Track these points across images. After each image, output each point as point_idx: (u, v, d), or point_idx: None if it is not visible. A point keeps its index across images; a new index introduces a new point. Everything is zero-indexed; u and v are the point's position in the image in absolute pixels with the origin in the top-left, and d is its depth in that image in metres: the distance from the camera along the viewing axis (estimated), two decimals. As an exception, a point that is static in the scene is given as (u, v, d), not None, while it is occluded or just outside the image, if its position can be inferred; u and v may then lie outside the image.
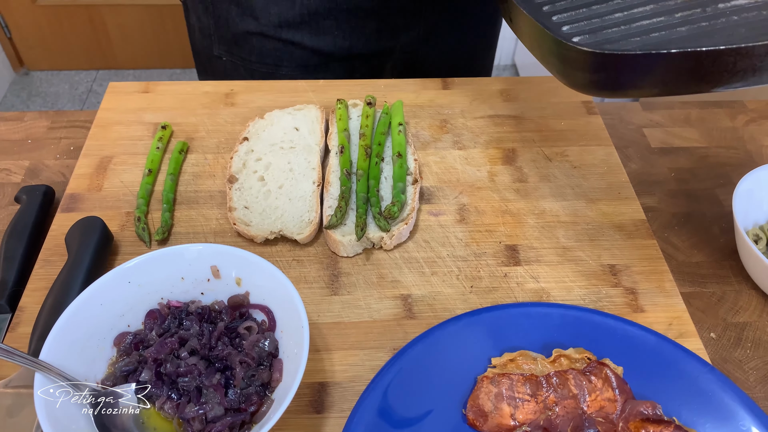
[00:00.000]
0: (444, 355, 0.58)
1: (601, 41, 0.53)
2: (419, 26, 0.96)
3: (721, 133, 0.89)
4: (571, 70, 0.54)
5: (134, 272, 0.59)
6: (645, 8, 0.55)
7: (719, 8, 0.53)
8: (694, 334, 0.63)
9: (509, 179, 0.78)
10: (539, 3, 0.58)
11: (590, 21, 0.55)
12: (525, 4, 0.56)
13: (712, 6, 0.54)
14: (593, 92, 0.56)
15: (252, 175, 0.75)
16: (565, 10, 0.57)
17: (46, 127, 0.86)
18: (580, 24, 0.55)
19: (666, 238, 0.75)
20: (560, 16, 0.56)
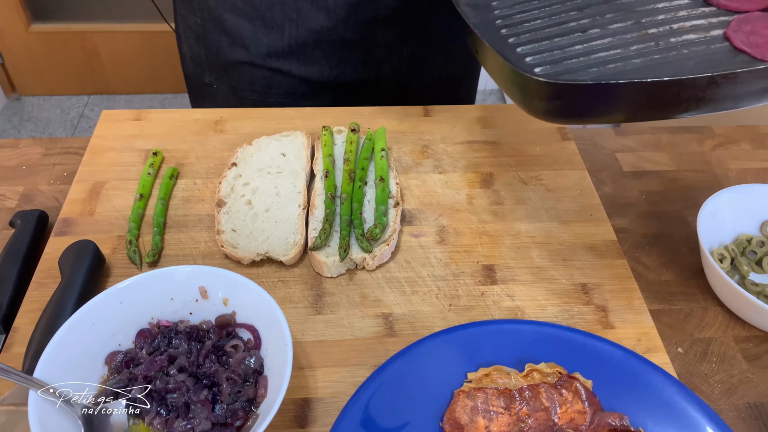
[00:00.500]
0: (422, 370, 0.61)
1: (561, 71, 0.56)
2: (402, 57, 1.00)
3: (690, 157, 0.94)
4: (530, 98, 0.57)
5: (125, 293, 0.61)
6: (603, 41, 0.59)
7: (671, 42, 0.58)
8: (662, 349, 0.67)
9: (487, 202, 0.81)
10: (505, 35, 0.62)
11: (552, 53, 0.59)
12: (489, 37, 0.60)
13: (664, 40, 0.58)
14: (551, 119, 0.59)
15: (240, 199, 0.78)
16: (529, 42, 0.60)
17: (41, 154, 0.89)
18: (543, 55, 0.59)
19: (637, 258, 0.79)
20: (524, 47, 0.60)
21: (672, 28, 0.59)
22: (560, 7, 0.64)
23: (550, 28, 0.62)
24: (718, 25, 0.59)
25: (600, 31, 0.60)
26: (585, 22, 0.62)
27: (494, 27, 0.63)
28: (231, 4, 0.92)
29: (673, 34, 0.58)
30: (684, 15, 0.60)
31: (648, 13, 0.61)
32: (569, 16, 0.63)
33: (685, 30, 0.58)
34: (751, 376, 0.67)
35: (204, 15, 0.97)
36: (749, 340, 0.70)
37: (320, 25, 0.91)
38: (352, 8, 0.90)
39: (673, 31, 0.59)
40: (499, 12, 0.65)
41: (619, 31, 0.60)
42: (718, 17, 0.60)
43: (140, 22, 2.57)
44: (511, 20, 0.64)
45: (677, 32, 0.58)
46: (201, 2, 0.96)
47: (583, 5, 0.64)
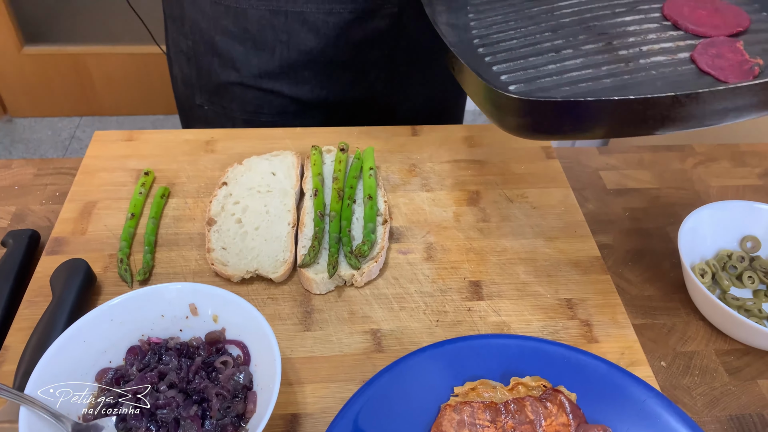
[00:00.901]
0: (409, 384, 0.61)
1: (534, 89, 0.58)
2: (391, 78, 1.02)
3: (671, 174, 0.96)
4: (503, 114, 0.58)
5: (116, 310, 0.62)
6: (575, 61, 0.61)
7: (641, 63, 0.60)
8: (645, 363, 0.68)
9: (473, 219, 0.83)
10: (482, 54, 0.64)
11: (526, 71, 0.61)
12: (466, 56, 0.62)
13: (634, 61, 0.60)
14: (524, 135, 0.61)
15: (230, 218, 0.79)
16: (504, 62, 0.63)
17: (33, 174, 0.90)
18: (517, 74, 0.61)
19: (620, 274, 0.80)
20: (500, 66, 0.62)
21: (642, 50, 0.61)
22: (536, 28, 0.67)
23: (525, 48, 0.64)
24: (685, 48, 0.61)
25: (573, 51, 0.63)
26: (559, 42, 0.64)
27: (472, 46, 0.65)
28: (222, 27, 0.94)
29: (643, 56, 0.60)
30: (653, 38, 0.63)
31: (619, 35, 0.64)
32: (544, 37, 0.65)
33: (654, 52, 0.61)
34: (732, 388, 0.68)
35: (195, 38, 0.99)
36: (731, 354, 0.72)
37: (310, 46, 0.93)
38: (342, 30, 0.92)
39: (642, 52, 0.61)
40: (477, 32, 0.67)
41: (591, 51, 0.62)
42: (685, 41, 0.62)
43: (132, 44, 2.59)
44: (488, 40, 0.66)
45: (646, 54, 0.61)
46: (192, 25, 0.97)
47: (558, 27, 0.66)
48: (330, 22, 0.91)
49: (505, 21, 0.69)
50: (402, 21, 0.95)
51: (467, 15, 0.71)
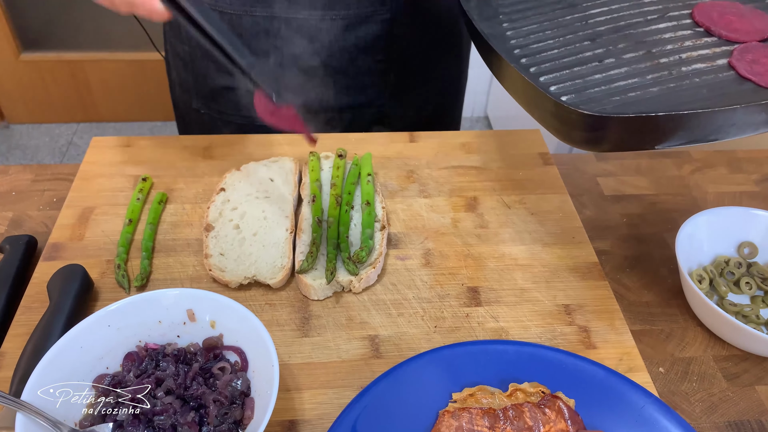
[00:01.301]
0: (408, 391, 0.61)
1: (585, 100, 0.59)
2: (386, 84, 1.02)
3: (669, 181, 0.96)
4: (569, 129, 0.59)
5: (113, 316, 0.62)
6: (620, 70, 0.63)
7: (683, 71, 0.61)
8: (643, 369, 0.68)
9: (471, 225, 0.83)
10: (525, 65, 0.65)
11: (574, 82, 0.62)
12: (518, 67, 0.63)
13: (676, 69, 0.62)
14: (589, 148, 0.62)
15: (228, 224, 0.79)
16: (550, 72, 0.63)
17: (30, 180, 0.90)
18: (565, 85, 0.62)
19: (618, 280, 0.80)
20: (547, 77, 0.63)
21: (681, 58, 0.63)
22: (573, 37, 0.68)
23: (567, 58, 0.65)
24: (722, 55, 0.63)
25: (615, 60, 0.64)
26: (600, 52, 0.65)
27: (514, 56, 0.66)
28: None
29: (683, 63, 0.62)
30: (690, 45, 0.64)
31: (656, 43, 0.65)
32: (584, 46, 0.66)
33: (693, 59, 0.63)
34: (731, 394, 0.68)
35: (192, 43, 0.99)
36: (729, 359, 0.72)
37: (304, 52, 0.94)
38: (335, 37, 0.93)
39: (682, 60, 0.63)
40: (515, 42, 0.68)
41: (632, 60, 0.64)
42: (721, 47, 0.64)
43: (130, 50, 2.60)
44: (529, 50, 0.67)
45: (686, 61, 0.63)
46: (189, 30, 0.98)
47: (595, 35, 0.67)
48: (323, 29, 0.92)
49: (541, 30, 0.69)
50: (395, 27, 0.95)
51: (502, 24, 0.72)
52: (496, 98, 2.76)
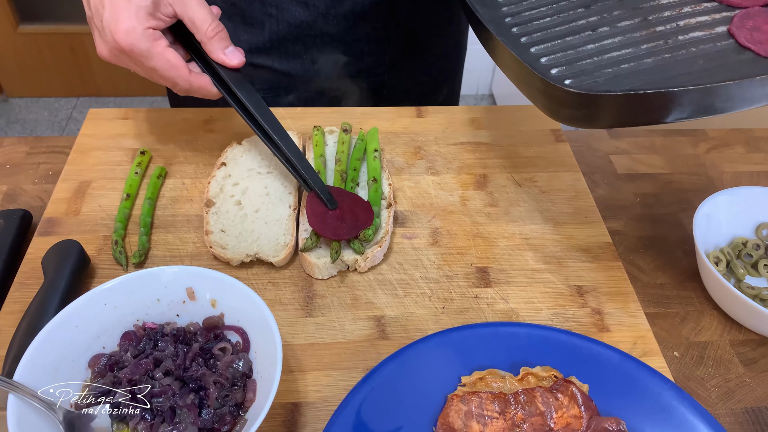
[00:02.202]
0: (415, 373, 0.59)
1: (576, 72, 0.56)
2: (384, 52, 0.99)
3: (684, 160, 0.93)
4: (558, 107, 0.57)
5: (110, 294, 0.60)
6: (614, 40, 0.59)
7: (679, 40, 0.57)
8: (658, 353, 0.66)
9: (480, 204, 0.80)
10: (516, 35, 0.61)
11: (565, 53, 0.59)
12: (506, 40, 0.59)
13: (672, 38, 0.58)
14: (578, 125, 0.59)
15: (229, 200, 0.77)
16: (541, 42, 0.60)
17: (25, 153, 0.87)
18: (556, 56, 0.58)
19: (631, 261, 0.78)
20: (538, 48, 0.60)
21: (678, 25, 0.59)
22: (567, 4, 0.64)
23: (560, 27, 0.62)
24: (722, 21, 0.59)
25: (609, 29, 0.60)
26: (594, 20, 0.62)
27: (505, 25, 0.63)
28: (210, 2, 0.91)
29: (681, 32, 0.58)
30: (688, 11, 0.60)
31: (654, 9, 0.61)
32: (577, 14, 0.63)
33: (691, 27, 0.59)
34: (748, 380, 0.66)
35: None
36: (746, 344, 0.69)
37: (300, 19, 0.91)
38: (331, 2, 0.89)
39: (680, 28, 0.59)
40: (507, 9, 0.65)
41: (628, 29, 0.60)
42: (721, 13, 0.60)
43: (130, 23, 2.55)
44: (521, 18, 0.63)
45: (684, 29, 0.58)
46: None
47: (589, 2, 0.63)
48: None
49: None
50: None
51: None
52: (501, 75, 2.72)
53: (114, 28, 0.67)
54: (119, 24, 0.66)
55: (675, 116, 0.54)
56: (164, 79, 0.71)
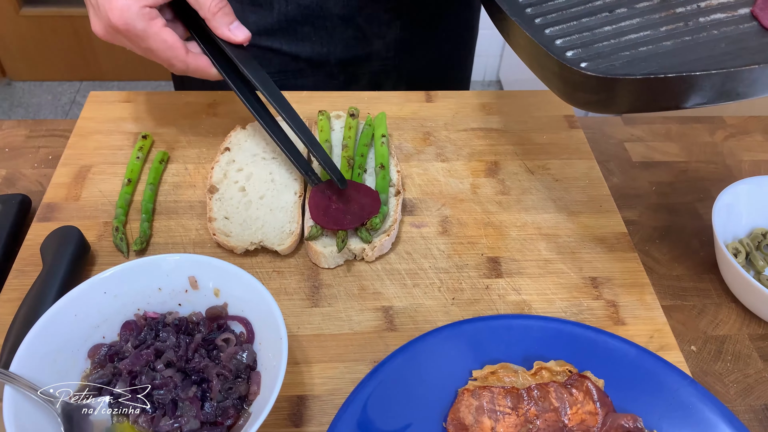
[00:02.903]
0: (424, 367, 0.57)
1: (592, 55, 0.54)
2: (394, 34, 0.96)
3: (700, 148, 0.90)
4: (573, 90, 0.55)
5: (110, 282, 0.58)
6: (632, 21, 0.57)
7: (700, 22, 0.55)
8: (675, 347, 0.63)
9: (492, 192, 0.78)
10: (531, 15, 0.59)
11: (581, 35, 0.56)
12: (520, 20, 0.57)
13: (693, 20, 0.55)
14: (594, 110, 0.57)
15: (233, 186, 0.74)
16: (556, 23, 0.58)
17: (25, 136, 0.85)
18: (572, 38, 0.56)
19: (647, 252, 0.76)
20: (552, 29, 0.57)
21: (699, 7, 0.56)
22: None
23: (575, 8, 0.59)
24: (744, 3, 0.56)
25: (627, 10, 0.58)
26: (611, 0, 0.59)
27: (518, 5, 0.60)
28: None
29: (701, 13, 0.56)
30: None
31: None
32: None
33: (713, 8, 0.56)
34: (767, 375, 0.64)
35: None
36: (765, 338, 0.67)
37: (309, 0, 0.88)
38: None
39: (700, 9, 0.56)
40: None
41: (646, 10, 0.57)
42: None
43: (133, 6, 2.52)
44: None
45: (705, 11, 0.56)
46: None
47: None
48: None
49: None
50: None
51: None
52: (509, 60, 2.68)
53: (108, 6, 0.64)
54: (113, 2, 0.64)
55: (695, 101, 0.51)
56: (160, 59, 0.69)
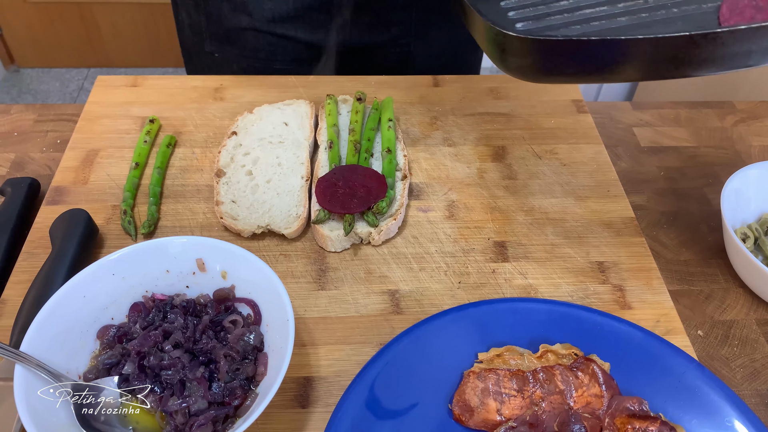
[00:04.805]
0: (430, 349, 0.58)
1: (542, 28, 0.53)
2: (410, 21, 0.95)
3: (710, 133, 0.90)
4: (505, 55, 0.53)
5: (118, 264, 0.58)
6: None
7: (661, 0, 0.54)
8: (682, 332, 0.63)
9: (498, 176, 0.78)
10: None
11: (536, 8, 0.55)
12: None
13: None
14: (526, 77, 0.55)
15: (240, 170, 0.75)
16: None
17: (33, 120, 0.86)
18: (526, 11, 0.55)
19: (654, 236, 0.75)
20: (508, 2, 0.56)
21: None
22: None
23: None
24: None
25: None
26: None
27: None
28: None
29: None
30: None
31: None
32: None
33: None
34: (774, 360, 0.64)
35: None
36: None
37: None
38: None
39: None
40: None
41: None
42: None
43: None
44: None
45: None
46: (200, -34, 0.91)
47: None
48: None
49: None
50: None
51: None
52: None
53: None
54: None
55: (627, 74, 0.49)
56: None
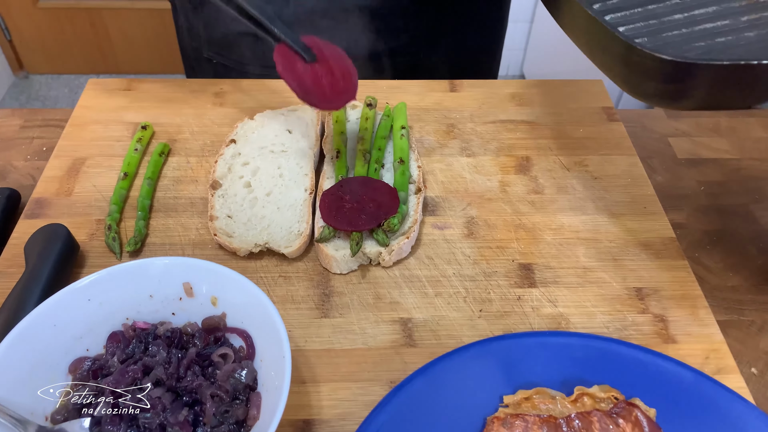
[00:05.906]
0: (449, 391, 0.51)
1: (661, 45, 0.47)
2: (420, 27, 0.90)
3: (754, 144, 0.82)
4: (640, 78, 0.48)
5: (93, 289, 0.52)
6: (707, 9, 0.51)
7: None
8: (735, 370, 0.56)
9: (523, 190, 0.71)
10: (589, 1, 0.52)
11: (647, 22, 0.50)
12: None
13: None
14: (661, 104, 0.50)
15: (238, 181, 0.68)
16: (618, 9, 0.52)
17: (18, 126, 0.80)
18: (636, 25, 0.50)
19: (696, 259, 0.68)
20: (614, 15, 0.51)
21: None
22: None
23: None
24: None
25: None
26: None
27: None
28: None
29: None
30: None
31: None
32: None
33: None
34: (841, 404, 0.56)
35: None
36: (837, 360, 0.59)
37: None
38: None
39: None
40: None
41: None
42: None
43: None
44: None
45: None
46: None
47: None
48: None
49: None
50: None
51: None
52: (534, 54, 2.60)
53: None
54: None
55: None
56: None
